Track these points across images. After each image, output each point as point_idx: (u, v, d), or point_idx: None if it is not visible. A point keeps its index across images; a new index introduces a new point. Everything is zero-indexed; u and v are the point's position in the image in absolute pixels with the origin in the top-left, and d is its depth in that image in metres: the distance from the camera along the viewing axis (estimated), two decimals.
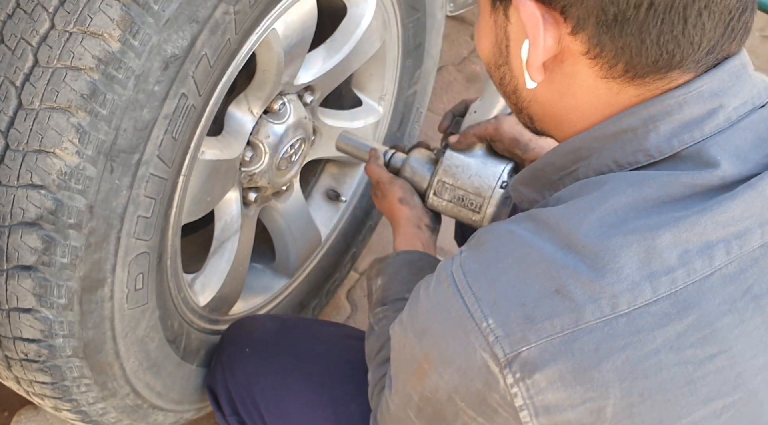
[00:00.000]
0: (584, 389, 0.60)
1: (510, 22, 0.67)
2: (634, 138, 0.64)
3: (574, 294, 0.59)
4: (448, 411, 0.68)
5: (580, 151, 0.67)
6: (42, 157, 0.77)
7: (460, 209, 1.10)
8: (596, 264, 0.59)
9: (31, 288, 0.83)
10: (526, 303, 0.60)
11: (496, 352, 0.61)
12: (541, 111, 0.71)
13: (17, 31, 0.77)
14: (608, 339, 0.59)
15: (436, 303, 0.65)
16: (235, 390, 1.08)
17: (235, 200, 1.17)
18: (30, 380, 0.92)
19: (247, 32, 0.92)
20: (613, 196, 0.62)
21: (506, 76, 0.71)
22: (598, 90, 0.65)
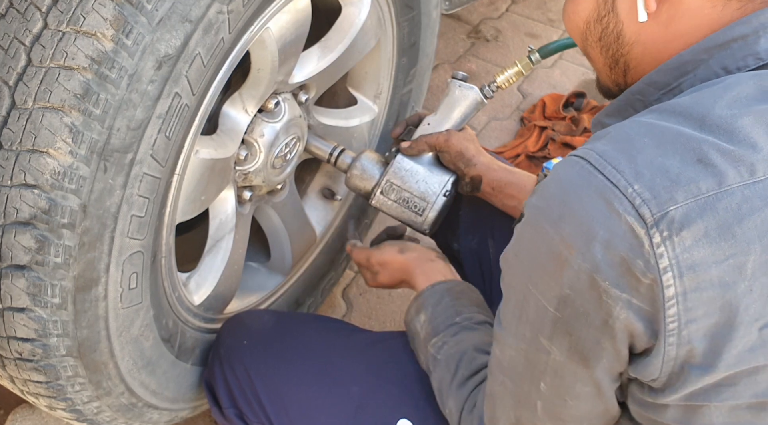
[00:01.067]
0: (728, 244, 0.64)
1: None
2: (745, 44, 0.70)
3: (715, 162, 0.64)
4: (590, 301, 0.67)
5: (686, 65, 0.73)
6: (35, 157, 0.77)
7: (404, 210, 1.19)
8: (733, 138, 0.65)
9: (25, 288, 0.83)
10: (670, 171, 0.64)
11: (643, 213, 0.63)
12: (641, 51, 0.77)
13: (10, 30, 0.77)
14: (748, 201, 0.64)
15: (570, 184, 0.67)
16: (233, 382, 1.08)
17: (230, 199, 1.17)
18: (24, 379, 0.92)
19: (241, 31, 0.92)
20: (737, 86, 0.68)
21: (609, 25, 0.78)
22: (704, 10, 0.72)
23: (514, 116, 2.16)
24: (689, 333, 0.66)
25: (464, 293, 1.06)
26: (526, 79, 2.24)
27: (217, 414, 1.12)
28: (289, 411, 1.05)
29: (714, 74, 0.71)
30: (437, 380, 0.97)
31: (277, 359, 1.09)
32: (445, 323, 1.01)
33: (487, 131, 2.11)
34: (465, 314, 1.02)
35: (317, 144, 1.27)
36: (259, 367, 1.08)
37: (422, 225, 1.19)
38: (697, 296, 0.65)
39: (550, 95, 2.15)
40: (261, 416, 1.07)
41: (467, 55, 2.31)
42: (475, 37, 2.40)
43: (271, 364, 1.08)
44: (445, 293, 1.05)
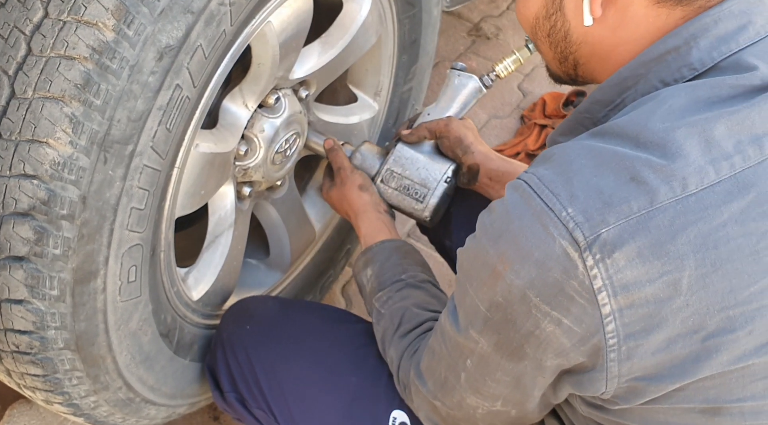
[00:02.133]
0: (661, 262, 0.65)
1: None
2: (678, 56, 0.72)
3: (648, 179, 0.65)
4: (519, 312, 0.71)
5: (626, 81, 0.75)
6: (35, 147, 0.77)
7: (405, 197, 1.19)
8: (666, 152, 0.66)
9: (23, 279, 0.82)
10: (603, 192, 0.66)
11: (576, 237, 0.65)
12: (589, 51, 0.79)
13: (10, 19, 0.76)
14: (681, 216, 0.65)
15: (512, 207, 0.70)
16: (234, 365, 1.08)
17: (230, 194, 1.17)
18: (21, 372, 0.92)
19: (243, 24, 0.91)
20: (670, 99, 0.69)
21: (557, 24, 0.79)
22: (648, 18, 0.73)
23: (515, 114, 2.16)
24: (629, 348, 0.68)
25: (410, 253, 1.10)
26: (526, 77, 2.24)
27: (218, 398, 1.12)
28: (287, 397, 1.05)
29: (653, 87, 0.73)
30: (380, 331, 1.02)
31: (278, 346, 1.09)
32: (391, 279, 1.05)
33: (488, 129, 2.11)
34: (410, 272, 1.06)
35: (316, 139, 1.27)
36: (259, 353, 1.08)
37: (423, 212, 1.18)
38: (632, 312, 0.66)
39: (550, 93, 2.15)
40: (260, 401, 1.07)
41: (468, 53, 2.31)
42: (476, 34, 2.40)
43: (272, 350, 1.08)
44: (393, 251, 1.09)
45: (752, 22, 0.72)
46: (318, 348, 1.08)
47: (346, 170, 1.20)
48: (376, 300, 1.04)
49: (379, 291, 1.05)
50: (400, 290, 1.03)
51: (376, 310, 1.04)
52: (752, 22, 0.72)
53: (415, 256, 1.10)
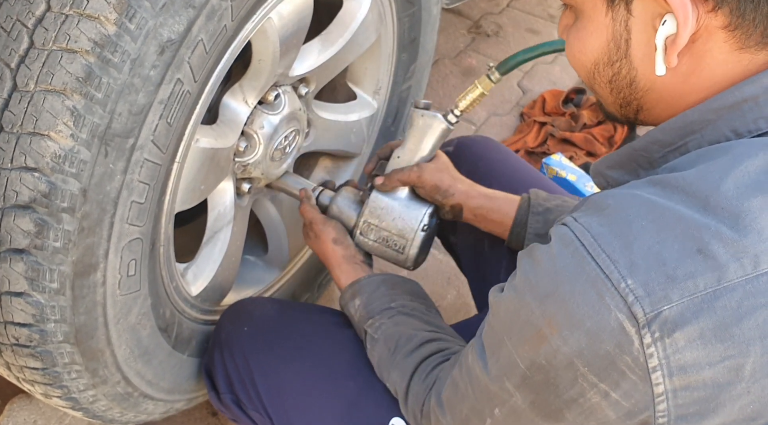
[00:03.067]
0: (725, 346, 0.61)
1: (632, 15, 0.69)
2: (755, 105, 0.65)
3: (716, 254, 0.60)
4: (564, 378, 0.66)
5: (692, 125, 0.68)
6: (36, 140, 0.77)
7: (386, 249, 1.17)
8: (738, 224, 0.60)
9: (23, 272, 0.82)
10: (667, 263, 0.60)
11: (635, 312, 0.60)
12: (656, 98, 0.72)
13: (13, 12, 0.77)
14: (750, 297, 0.60)
15: (563, 265, 0.64)
16: (231, 367, 1.08)
17: (229, 190, 1.17)
18: (21, 365, 0.92)
19: (244, 20, 0.92)
20: (747, 159, 0.63)
21: (622, 71, 0.72)
22: (729, 63, 0.67)
23: (514, 112, 2.16)
24: None
25: (399, 284, 1.08)
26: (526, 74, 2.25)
27: (214, 399, 1.12)
28: (284, 401, 1.05)
29: (723, 136, 0.67)
30: (376, 356, 1.01)
31: (276, 349, 1.09)
32: (380, 307, 1.04)
33: (487, 126, 2.11)
34: (399, 301, 1.05)
35: (290, 183, 1.26)
36: (257, 356, 1.08)
37: (405, 262, 1.17)
38: (687, 394, 0.63)
39: (549, 91, 2.16)
40: (257, 404, 1.07)
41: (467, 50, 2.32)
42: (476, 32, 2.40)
43: (270, 354, 1.08)
44: (381, 283, 1.08)
45: None
46: (316, 352, 1.07)
47: (317, 224, 1.18)
48: (368, 326, 1.03)
49: (369, 320, 1.03)
50: (392, 317, 1.02)
51: (369, 336, 1.02)
52: None
53: (404, 286, 1.08)
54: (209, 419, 1.39)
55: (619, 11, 0.69)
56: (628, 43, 0.70)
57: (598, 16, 0.71)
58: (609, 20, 0.70)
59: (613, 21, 0.70)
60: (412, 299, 1.06)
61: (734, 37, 0.65)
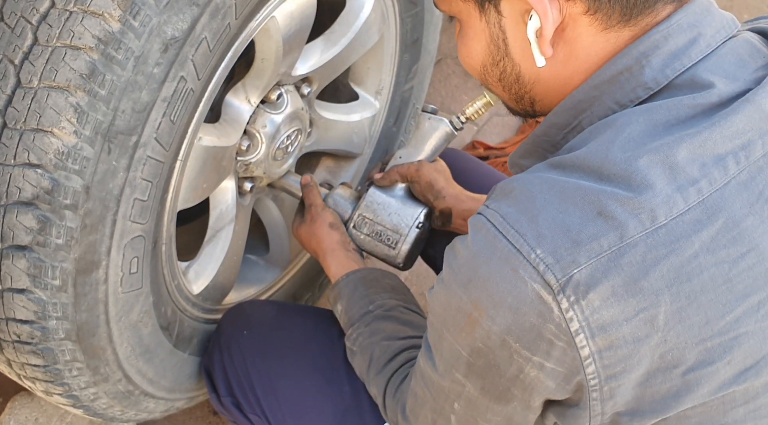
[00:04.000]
0: (636, 300, 0.63)
1: (503, 15, 0.73)
2: (630, 76, 0.70)
3: (615, 213, 0.63)
4: (501, 357, 0.69)
5: (581, 104, 0.72)
6: (39, 136, 0.77)
7: (377, 244, 1.16)
8: (631, 184, 0.64)
9: (26, 269, 0.82)
10: (571, 229, 0.63)
11: (548, 280, 0.63)
12: (544, 88, 0.76)
13: (17, 9, 0.77)
14: (652, 250, 0.63)
15: (478, 249, 0.67)
16: (231, 370, 1.08)
17: (231, 189, 1.17)
18: (22, 362, 0.92)
19: (247, 18, 0.92)
20: (628, 126, 0.67)
21: (507, 68, 0.77)
22: (598, 44, 0.71)
23: None
24: (610, 388, 0.67)
25: (377, 280, 1.08)
26: None
27: (215, 401, 1.12)
28: (282, 405, 1.05)
29: (609, 109, 0.71)
30: (357, 368, 1.02)
31: (274, 353, 1.09)
32: (359, 312, 1.03)
33: (489, 127, 2.11)
34: (378, 301, 1.04)
35: (290, 182, 1.26)
36: (256, 360, 1.09)
37: (396, 259, 1.16)
38: (612, 354, 0.65)
39: None
40: (256, 408, 1.08)
41: None
42: None
43: (268, 358, 1.08)
44: (358, 283, 1.07)
45: (702, 34, 0.70)
46: (313, 357, 1.08)
47: (317, 207, 1.18)
48: (347, 338, 1.03)
49: (349, 328, 1.03)
50: (368, 325, 1.01)
51: (348, 348, 1.03)
52: (702, 35, 0.70)
53: (383, 282, 1.08)
54: (210, 417, 1.39)
55: (491, 14, 0.73)
56: (505, 42, 0.74)
57: (474, 21, 0.75)
58: (484, 24, 0.74)
59: (488, 24, 0.74)
60: (390, 296, 1.05)
61: (597, 20, 0.69)
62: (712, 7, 0.72)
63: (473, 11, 0.74)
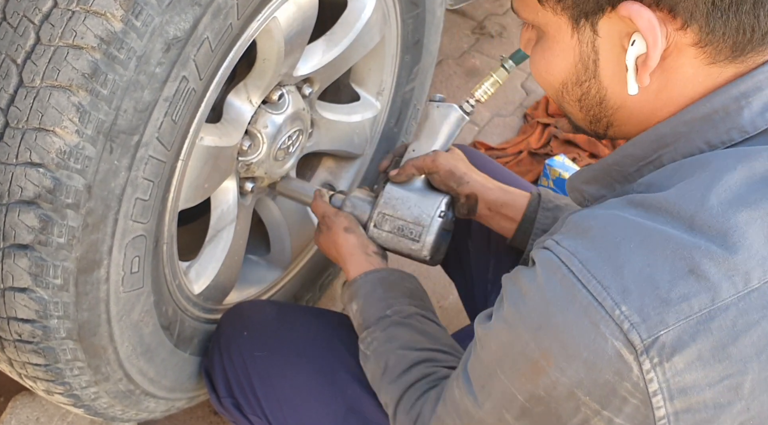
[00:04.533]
0: (723, 366, 0.60)
1: (599, 35, 0.67)
2: (726, 116, 0.65)
3: (708, 273, 0.59)
4: (565, 407, 0.65)
5: (665, 138, 0.68)
6: (41, 135, 0.77)
7: (400, 239, 1.12)
8: (726, 241, 0.60)
9: (27, 268, 0.83)
10: (660, 286, 0.59)
11: (632, 339, 0.59)
12: (627, 115, 0.71)
13: (20, 8, 0.77)
14: (743, 315, 0.60)
15: (553, 295, 0.63)
16: (231, 371, 1.08)
17: (232, 189, 1.18)
18: (23, 362, 0.92)
19: (249, 18, 0.92)
20: (726, 173, 0.62)
21: (591, 91, 0.71)
22: (699, 77, 0.66)
23: (517, 113, 2.17)
24: None
25: (396, 283, 1.04)
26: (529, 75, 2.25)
27: (215, 401, 1.12)
28: (282, 406, 1.05)
29: (697, 149, 0.66)
30: (369, 373, 0.99)
31: (275, 354, 1.09)
32: (375, 315, 1.01)
33: (490, 127, 2.12)
34: (396, 306, 1.01)
35: (297, 188, 1.24)
36: (256, 361, 1.08)
37: (422, 251, 1.11)
38: (690, 417, 0.62)
39: None
40: (256, 408, 1.08)
41: (471, 51, 2.32)
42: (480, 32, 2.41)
43: (268, 359, 1.08)
44: (377, 283, 1.04)
45: None
46: (315, 358, 1.07)
47: (329, 215, 1.15)
48: (361, 341, 1.01)
49: (364, 330, 1.01)
50: (385, 330, 0.98)
51: (362, 352, 1.00)
52: None
53: (402, 285, 1.05)
54: (211, 417, 1.39)
55: (585, 32, 0.68)
56: (596, 64, 0.69)
57: (564, 37, 0.69)
58: (575, 42, 0.69)
59: (580, 42, 0.69)
60: (409, 302, 1.03)
61: (705, 53, 0.64)
62: None
63: (564, 26, 0.68)
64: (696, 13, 0.62)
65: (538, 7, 0.69)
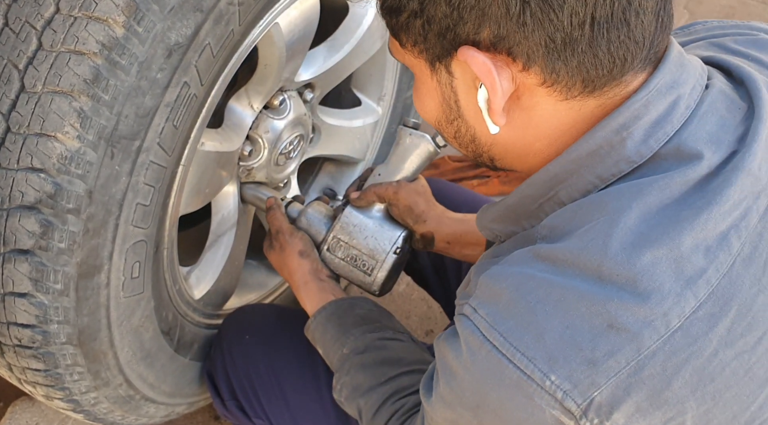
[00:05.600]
0: (662, 412, 0.61)
1: (454, 77, 0.68)
2: (611, 150, 0.65)
3: (627, 324, 0.59)
4: None
5: (557, 177, 0.67)
6: (43, 141, 0.77)
7: (352, 269, 1.10)
8: (637, 288, 0.60)
9: (28, 273, 0.83)
10: (584, 347, 0.60)
11: (568, 407, 0.60)
12: (502, 150, 0.71)
13: (22, 14, 0.77)
14: (671, 357, 0.60)
15: (483, 373, 0.63)
16: (234, 375, 1.08)
17: (233, 194, 1.18)
18: (23, 367, 0.92)
19: (251, 24, 0.92)
20: (622, 215, 0.62)
21: (461, 129, 0.72)
22: (560, 112, 0.66)
23: None
24: None
25: (345, 315, 1.03)
26: None
27: (219, 404, 1.12)
28: (285, 409, 1.05)
29: (590, 183, 0.66)
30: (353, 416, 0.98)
31: (277, 357, 1.09)
32: (336, 357, 1.00)
33: None
34: (349, 343, 0.99)
35: (260, 195, 1.19)
36: (258, 364, 1.08)
37: (371, 286, 1.09)
38: None
39: None
40: (259, 411, 1.08)
41: None
42: None
43: (270, 362, 1.08)
44: (327, 323, 1.03)
45: (681, 95, 0.64)
46: (317, 361, 1.07)
47: (284, 234, 1.12)
48: (333, 390, 1.00)
49: (335, 375, 1.00)
50: (348, 373, 0.97)
51: (337, 400, 1.00)
52: (681, 96, 0.64)
53: (352, 315, 1.03)
54: (211, 423, 1.39)
55: (442, 74, 0.68)
56: (458, 104, 0.69)
57: (426, 78, 0.70)
58: (436, 83, 0.69)
59: (439, 84, 0.69)
60: (362, 331, 1.00)
61: (556, 91, 0.64)
62: (684, 58, 0.67)
63: (424, 68, 0.69)
64: (533, 56, 0.62)
65: (402, 49, 0.69)
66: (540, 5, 0.59)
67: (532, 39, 0.61)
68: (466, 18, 0.62)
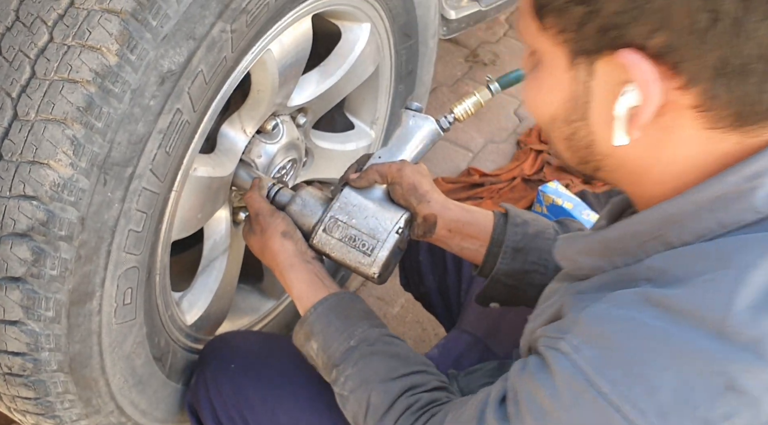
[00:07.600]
0: None
1: (595, 77, 0.63)
2: (739, 197, 0.61)
3: (747, 388, 0.57)
4: None
5: (672, 217, 0.64)
6: (35, 168, 0.78)
7: (350, 250, 1.03)
8: (760, 349, 0.57)
9: (19, 300, 0.82)
10: (699, 406, 0.57)
11: None
12: (616, 164, 0.67)
13: (15, 43, 0.78)
14: None
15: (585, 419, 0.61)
16: (220, 405, 1.06)
17: (225, 219, 1.18)
18: (12, 395, 0.91)
19: (243, 51, 0.93)
20: (751, 271, 0.58)
21: (579, 132, 0.67)
22: (699, 140, 0.62)
23: (511, 139, 2.18)
24: None
25: (349, 308, 0.99)
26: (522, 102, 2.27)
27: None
28: None
29: (708, 230, 0.63)
30: (351, 414, 0.95)
31: (265, 384, 1.06)
32: (340, 350, 0.96)
33: (484, 154, 2.13)
34: (358, 334, 0.96)
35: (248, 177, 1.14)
36: (247, 391, 1.06)
37: (371, 267, 1.02)
38: None
39: None
40: None
41: (465, 79, 2.34)
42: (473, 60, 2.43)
43: (259, 391, 1.06)
44: (330, 314, 0.98)
45: None
46: (304, 385, 1.04)
47: (265, 215, 1.05)
48: (334, 382, 0.96)
49: (333, 370, 0.96)
50: (355, 364, 0.93)
51: (338, 394, 0.96)
52: None
53: (355, 308, 1.00)
54: None
55: (581, 71, 0.63)
56: (587, 106, 0.64)
57: (558, 71, 0.64)
58: (569, 78, 0.64)
59: (573, 80, 0.64)
60: (369, 325, 0.97)
61: (705, 118, 0.60)
62: None
63: (561, 59, 0.63)
64: (700, 76, 0.58)
65: (540, 32, 0.64)
66: (731, 27, 0.55)
67: (706, 59, 0.57)
68: (643, 20, 0.57)
